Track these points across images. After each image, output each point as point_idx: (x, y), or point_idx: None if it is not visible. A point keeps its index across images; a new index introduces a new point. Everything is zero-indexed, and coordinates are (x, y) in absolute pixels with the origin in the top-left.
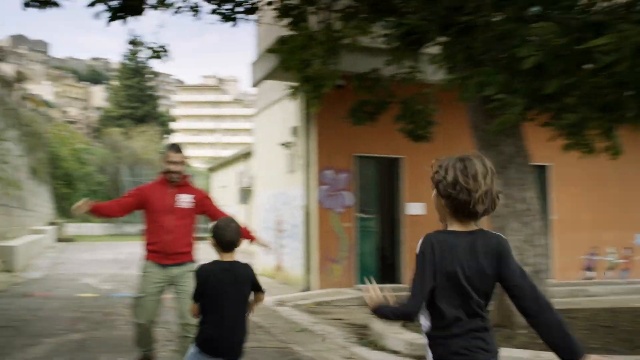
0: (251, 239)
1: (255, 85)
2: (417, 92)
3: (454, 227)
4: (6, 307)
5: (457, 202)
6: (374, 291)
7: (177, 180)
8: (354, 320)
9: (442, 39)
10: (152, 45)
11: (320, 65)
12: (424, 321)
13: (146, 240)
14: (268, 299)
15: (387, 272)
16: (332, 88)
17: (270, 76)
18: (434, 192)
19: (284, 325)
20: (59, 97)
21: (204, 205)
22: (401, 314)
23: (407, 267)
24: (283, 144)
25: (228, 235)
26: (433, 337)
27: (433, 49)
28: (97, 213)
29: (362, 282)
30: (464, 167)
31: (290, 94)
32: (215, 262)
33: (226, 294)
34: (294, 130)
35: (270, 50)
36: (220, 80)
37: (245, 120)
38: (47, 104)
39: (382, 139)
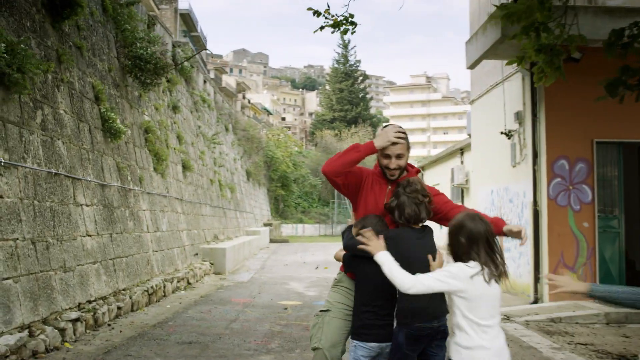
0: (499, 230)
1: (471, 67)
2: None
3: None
4: (202, 316)
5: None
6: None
7: (396, 178)
8: (607, 347)
9: None
10: (336, 16)
11: (557, 27)
12: None
13: None
14: None
15: (636, 281)
16: (566, 62)
17: (488, 53)
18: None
19: (518, 351)
20: (276, 104)
21: (434, 205)
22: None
23: None
24: (504, 133)
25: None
26: None
27: None
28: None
29: None
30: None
31: (521, 66)
32: None
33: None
34: (518, 116)
35: (496, 17)
36: (430, 79)
37: (456, 118)
38: (266, 111)
39: (629, 120)
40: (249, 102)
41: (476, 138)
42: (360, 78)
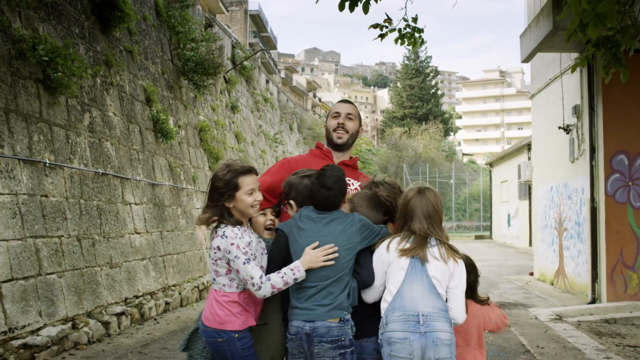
0: None
1: (525, 60)
2: None
3: None
4: None
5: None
6: None
7: (343, 144)
8: None
9: None
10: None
11: (617, 17)
12: None
13: None
14: (543, 312)
15: None
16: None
17: (542, 46)
18: None
19: (560, 352)
20: None
21: None
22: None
23: None
24: (562, 128)
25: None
26: None
27: None
28: None
29: None
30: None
31: (577, 63)
32: None
33: None
34: (576, 110)
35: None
36: (503, 73)
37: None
38: None
39: None
40: (319, 100)
41: (537, 133)
42: (432, 74)
